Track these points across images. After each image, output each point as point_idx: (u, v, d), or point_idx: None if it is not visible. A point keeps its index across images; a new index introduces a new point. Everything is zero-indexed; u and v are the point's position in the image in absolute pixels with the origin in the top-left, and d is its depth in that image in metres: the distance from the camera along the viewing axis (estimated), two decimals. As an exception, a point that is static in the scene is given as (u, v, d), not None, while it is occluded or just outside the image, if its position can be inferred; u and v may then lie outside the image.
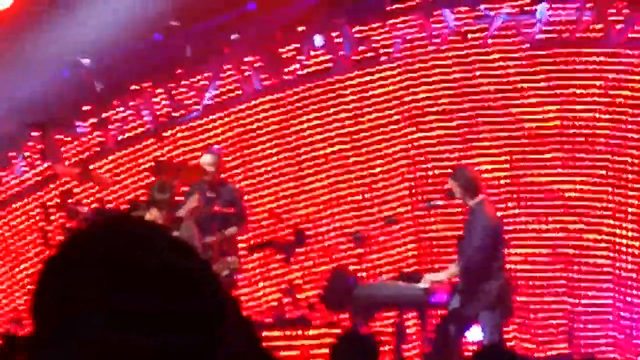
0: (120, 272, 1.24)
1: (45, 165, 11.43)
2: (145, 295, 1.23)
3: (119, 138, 11.92)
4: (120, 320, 1.22)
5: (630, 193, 11.10)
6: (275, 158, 11.79)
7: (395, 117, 11.65)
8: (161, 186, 9.19)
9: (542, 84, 11.40)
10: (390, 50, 11.62)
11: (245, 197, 10.82)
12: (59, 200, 11.34)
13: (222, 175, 10.48)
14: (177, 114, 11.93)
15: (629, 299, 11.02)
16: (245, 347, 1.77)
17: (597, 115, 11.23)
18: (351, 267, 10.88)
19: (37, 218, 11.78)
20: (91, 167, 10.98)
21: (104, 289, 1.23)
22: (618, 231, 11.10)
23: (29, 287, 11.54)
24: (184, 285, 1.25)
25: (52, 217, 11.46)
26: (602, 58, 11.25)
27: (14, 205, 11.96)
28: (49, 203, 11.45)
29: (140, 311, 1.22)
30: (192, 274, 1.27)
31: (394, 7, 11.59)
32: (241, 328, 1.83)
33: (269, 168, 11.78)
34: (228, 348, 1.27)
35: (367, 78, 11.70)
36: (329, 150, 11.74)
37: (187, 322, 1.24)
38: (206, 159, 10.02)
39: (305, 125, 11.77)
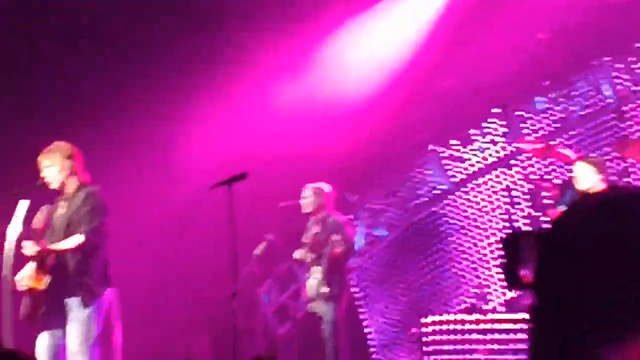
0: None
1: (507, 141, 11.70)
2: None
3: (580, 113, 12.01)
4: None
5: None
6: None
7: None
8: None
9: None
10: None
11: None
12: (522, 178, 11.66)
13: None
14: (637, 88, 11.79)
15: None
16: None
17: None
18: None
19: (500, 195, 12.17)
20: (552, 142, 11.08)
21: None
22: None
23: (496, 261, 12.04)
24: None
25: (514, 195, 11.76)
26: None
27: (477, 182, 12.45)
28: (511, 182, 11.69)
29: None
30: None
31: None
32: None
33: None
34: None
35: None
36: None
37: None
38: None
39: None
